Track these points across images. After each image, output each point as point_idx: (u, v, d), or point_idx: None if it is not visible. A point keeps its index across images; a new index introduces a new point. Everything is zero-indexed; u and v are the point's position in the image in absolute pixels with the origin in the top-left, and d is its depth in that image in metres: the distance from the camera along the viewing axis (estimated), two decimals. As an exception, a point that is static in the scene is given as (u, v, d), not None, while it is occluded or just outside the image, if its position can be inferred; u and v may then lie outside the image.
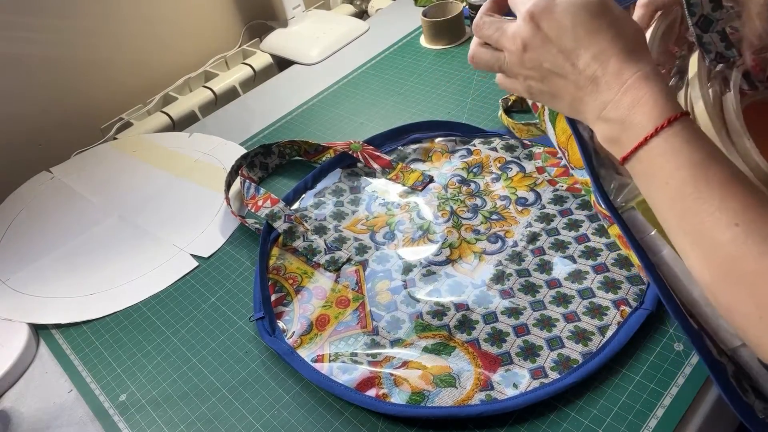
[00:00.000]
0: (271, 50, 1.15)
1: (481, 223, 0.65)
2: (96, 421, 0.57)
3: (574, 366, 0.49)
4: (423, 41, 1.03)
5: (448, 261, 0.62)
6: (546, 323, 0.53)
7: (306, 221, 0.71)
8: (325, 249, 0.66)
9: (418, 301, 0.58)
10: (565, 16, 0.40)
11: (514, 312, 0.55)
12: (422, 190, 0.71)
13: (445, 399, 0.49)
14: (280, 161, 0.83)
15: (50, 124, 0.97)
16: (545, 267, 0.58)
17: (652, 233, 0.46)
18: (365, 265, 0.64)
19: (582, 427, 0.46)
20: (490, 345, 0.53)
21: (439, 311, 0.57)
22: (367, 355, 0.54)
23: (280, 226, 0.69)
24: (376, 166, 0.75)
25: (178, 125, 1.02)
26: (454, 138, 0.77)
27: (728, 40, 0.44)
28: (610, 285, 0.55)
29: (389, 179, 0.74)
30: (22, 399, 0.61)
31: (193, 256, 0.72)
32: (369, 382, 0.52)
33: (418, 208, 0.69)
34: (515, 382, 0.50)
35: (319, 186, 0.76)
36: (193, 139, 0.94)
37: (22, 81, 0.93)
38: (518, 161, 0.71)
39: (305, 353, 0.56)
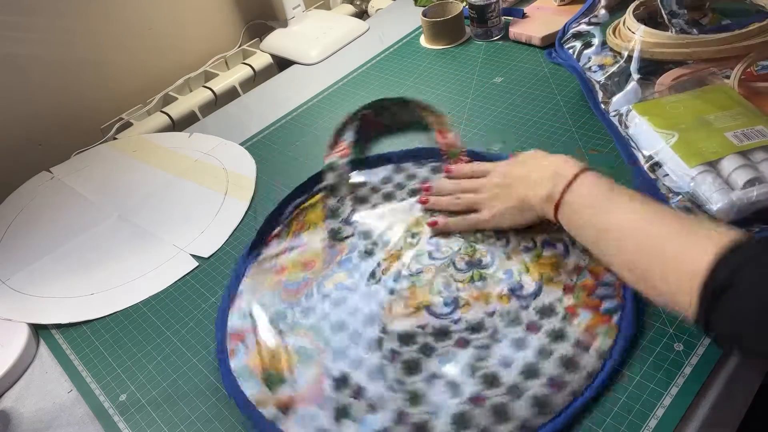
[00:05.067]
0: (271, 50, 1.15)
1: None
2: (96, 421, 0.57)
3: None
4: (423, 41, 1.03)
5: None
6: None
7: (357, 192, 0.72)
8: (343, 221, 0.68)
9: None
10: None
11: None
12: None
13: None
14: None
15: (50, 124, 0.97)
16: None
17: None
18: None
19: (582, 427, 0.46)
20: None
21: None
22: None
23: (332, 178, 0.72)
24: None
25: (178, 125, 1.02)
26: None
27: None
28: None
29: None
30: (22, 399, 0.61)
31: (193, 256, 0.72)
32: None
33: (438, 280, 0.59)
34: None
35: (396, 167, 0.74)
36: (193, 139, 0.94)
37: (22, 81, 0.93)
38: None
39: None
